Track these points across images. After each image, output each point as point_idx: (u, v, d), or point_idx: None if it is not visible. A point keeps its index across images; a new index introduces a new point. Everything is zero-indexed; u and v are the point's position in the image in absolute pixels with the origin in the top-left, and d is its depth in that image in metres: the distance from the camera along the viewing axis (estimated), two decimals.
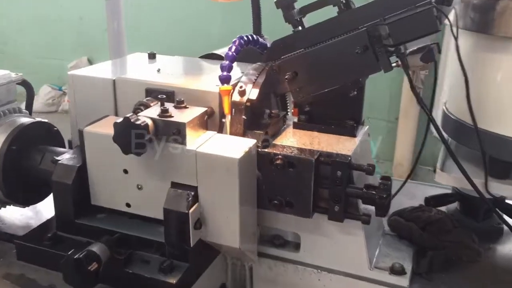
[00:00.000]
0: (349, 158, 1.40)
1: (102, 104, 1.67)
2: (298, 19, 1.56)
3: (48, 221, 1.64)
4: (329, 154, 1.44)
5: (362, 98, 1.55)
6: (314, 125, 1.59)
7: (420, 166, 4.60)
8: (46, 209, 1.85)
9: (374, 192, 1.38)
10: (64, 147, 1.81)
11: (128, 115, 1.35)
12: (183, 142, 1.39)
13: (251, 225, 1.50)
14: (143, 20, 5.74)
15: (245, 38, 1.58)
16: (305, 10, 1.57)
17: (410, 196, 1.96)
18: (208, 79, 1.64)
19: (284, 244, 1.63)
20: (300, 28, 1.57)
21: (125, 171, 1.49)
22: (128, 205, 1.53)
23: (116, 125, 1.36)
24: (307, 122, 1.59)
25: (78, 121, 1.72)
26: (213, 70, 1.77)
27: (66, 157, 1.59)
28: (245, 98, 1.47)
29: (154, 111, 1.44)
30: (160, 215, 1.42)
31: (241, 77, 1.60)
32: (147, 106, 1.51)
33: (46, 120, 1.80)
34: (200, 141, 1.42)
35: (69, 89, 1.71)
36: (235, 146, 1.39)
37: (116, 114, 1.67)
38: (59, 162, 1.55)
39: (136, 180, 1.49)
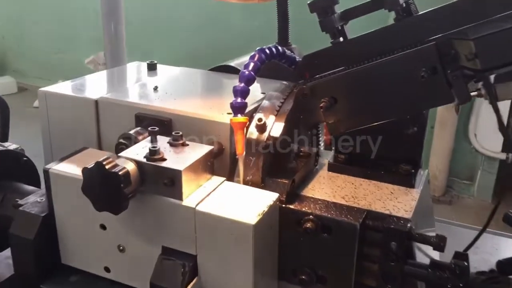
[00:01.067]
0: (409, 225, 1.00)
1: (81, 131, 1.30)
2: (339, 27, 1.17)
3: (7, 282, 1.27)
4: (379, 215, 1.04)
5: (423, 136, 1.15)
6: (358, 169, 1.19)
7: (455, 178, 4.17)
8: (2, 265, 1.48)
9: (446, 276, 0.97)
10: (38, 181, 1.45)
11: (102, 159, 0.97)
12: (178, 195, 1.01)
13: None
14: (149, 20, 5.35)
15: (267, 52, 1.19)
16: (349, 15, 1.17)
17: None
18: (217, 103, 1.25)
19: None
20: (341, 39, 1.17)
21: (103, 227, 1.12)
22: (107, 269, 1.16)
23: (85, 172, 0.98)
24: (347, 164, 1.20)
25: (53, 151, 1.35)
26: (225, 90, 1.39)
27: (30, 200, 1.22)
28: (265, 135, 1.08)
29: (141, 149, 1.06)
30: (147, 286, 1.05)
31: (261, 101, 1.21)
32: (134, 141, 1.13)
33: (15, 147, 1.43)
34: (202, 194, 1.03)
35: (41, 109, 1.34)
36: (249, 204, 1.00)
37: (99, 145, 1.30)
38: (20, 209, 1.19)
39: (117, 240, 1.11)
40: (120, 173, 0.96)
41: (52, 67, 6.27)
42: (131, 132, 1.14)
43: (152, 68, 1.58)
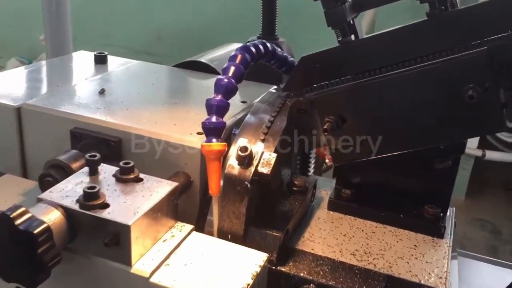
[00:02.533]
0: None
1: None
2: (351, 21, 0.87)
3: None
4: (405, 285, 0.76)
5: (456, 171, 0.87)
6: (368, 210, 0.90)
7: None
8: None
9: None
10: None
11: (9, 210, 0.65)
12: (124, 258, 0.70)
13: None
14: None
15: (253, 51, 0.88)
16: (364, 4, 0.87)
17: None
18: (184, 116, 0.94)
19: None
20: (352, 37, 0.87)
21: None
22: None
23: None
24: (354, 202, 0.91)
25: None
26: (195, 95, 1.07)
27: None
28: (250, 170, 0.77)
29: (73, 188, 0.74)
30: None
31: (242, 114, 0.91)
32: (65, 170, 0.81)
33: None
34: (160, 255, 0.72)
35: None
36: (226, 271, 0.71)
37: (24, 169, 0.97)
38: None
39: None
40: (36, 231, 0.64)
41: (5, 42, 5.74)
42: (62, 158, 0.82)
43: (101, 60, 1.24)
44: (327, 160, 1.39)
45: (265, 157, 0.78)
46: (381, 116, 0.84)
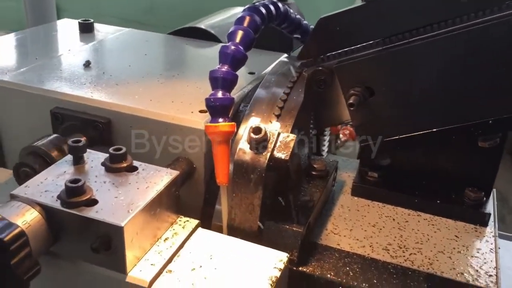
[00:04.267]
0: None
1: None
2: None
3: None
4: (450, 285, 0.65)
5: (503, 150, 0.74)
6: (399, 195, 0.78)
7: None
8: None
9: None
10: None
11: None
12: (117, 265, 0.58)
13: None
14: None
15: (262, 12, 0.74)
16: None
17: None
18: (183, 92, 0.81)
19: None
20: None
21: None
22: None
23: None
24: (384, 187, 0.79)
25: None
26: (195, 67, 0.94)
27: None
28: (265, 156, 0.65)
29: (53, 181, 0.62)
30: None
31: (251, 87, 0.78)
32: (44, 159, 0.69)
33: None
34: (161, 258, 0.61)
35: None
36: (241, 277, 0.59)
37: (0, 155, 0.84)
38: None
39: None
40: (6, 239, 0.52)
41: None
42: (40, 144, 0.69)
43: (86, 29, 1.10)
44: (341, 135, 1.27)
45: (282, 139, 0.65)
46: (416, 87, 0.71)
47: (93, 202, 0.59)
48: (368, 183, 0.80)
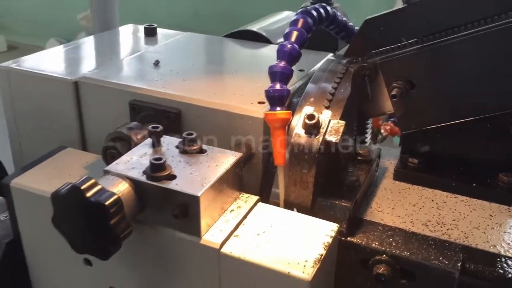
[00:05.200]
0: None
1: (58, 121, 0.97)
2: None
3: None
4: (484, 255, 0.72)
5: None
6: (438, 179, 0.86)
7: None
8: None
9: None
10: None
11: (80, 181, 0.64)
12: (193, 230, 0.69)
13: None
14: None
15: (314, 15, 0.84)
16: None
17: None
18: (242, 86, 0.92)
19: None
20: None
21: (88, 262, 0.81)
22: None
23: (56, 199, 0.66)
24: (423, 172, 0.87)
25: (23, 149, 1.03)
26: (251, 65, 1.04)
27: None
28: (318, 139, 0.74)
29: (138, 159, 0.73)
30: None
31: (305, 84, 0.88)
32: (128, 142, 0.81)
33: None
34: (229, 226, 0.71)
35: (3, 91, 1.00)
36: (299, 242, 0.68)
37: (82, 141, 0.97)
38: None
39: (107, 280, 0.80)
40: (107, 203, 0.63)
41: (44, 23, 5.82)
42: (124, 130, 0.81)
43: (150, 33, 1.23)
44: (382, 131, 1.35)
45: (332, 124, 0.75)
46: (453, 80, 0.79)
47: (172, 177, 0.70)
48: (409, 168, 0.88)
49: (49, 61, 1.03)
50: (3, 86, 0.99)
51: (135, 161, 0.73)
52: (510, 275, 0.68)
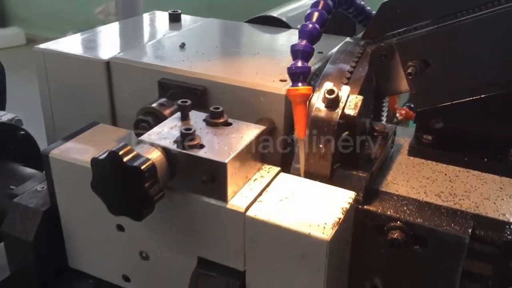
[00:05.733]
0: None
1: (90, 101, 1.03)
2: None
3: (6, 282, 1.04)
4: (493, 222, 0.77)
5: None
6: (451, 155, 0.90)
7: None
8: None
9: None
10: (40, 162, 1.18)
11: (117, 147, 0.70)
12: (220, 195, 0.74)
13: None
14: None
15: None
16: None
17: None
18: (264, 66, 0.96)
19: None
20: None
21: (120, 228, 0.86)
22: (126, 278, 0.91)
23: (95, 164, 0.72)
24: (437, 148, 0.91)
25: (56, 127, 1.09)
26: (272, 48, 1.09)
27: (28, 189, 0.96)
28: (337, 112, 0.79)
29: (169, 131, 0.78)
30: None
31: (323, 64, 0.92)
32: (158, 116, 0.86)
33: (10, 117, 1.17)
34: (253, 192, 0.76)
35: (38, 72, 1.06)
36: (318, 207, 0.73)
37: (113, 118, 1.03)
38: (15, 200, 0.93)
39: (139, 244, 0.86)
40: (142, 167, 0.69)
41: (63, 16, 5.91)
42: (155, 105, 0.86)
43: (175, 19, 1.28)
44: (398, 115, 1.39)
45: (351, 99, 0.80)
46: (466, 59, 0.83)
47: (201, 146, 0.75)
48: (423, 144, 0.93)
49: (81, 43, 1.09)
50: (39, 66, 1.05)
51: (166, 132, 0.78)
52: None
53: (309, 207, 0.74)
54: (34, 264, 0.93)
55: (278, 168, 0.82)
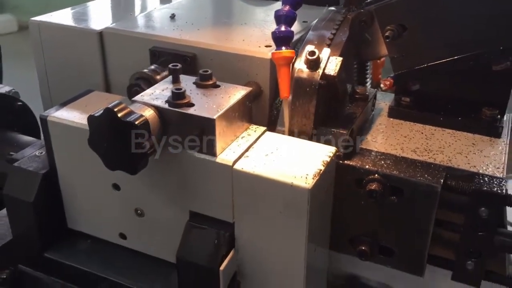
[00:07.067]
0: (504, 185, 0.79)
1: (84, 70, 1.07)
2: None
3: (3, 248, 1.08)
4: (464, 174, 0.83)
5: None
6: (427, 115, 0.96)
7: None
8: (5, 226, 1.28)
9: None
10: (37, 131, 1.23)
11: (112, 104, 0.75)
12: (210, 150, 0.79)
13: (319, 283, 0.92)
14: None
15: None
16: None
17: None
18: (250, 34, 1.01)
19: None
20: None
21: (116, 187, 0.92)
22: (123, 236, 0.97)
23: (92, 122, 0.76)
24: (414, 109, 0.97)
25: (52, 96, 1.13)
26: (258, 17, 1.14)
27: (27, 154, 1.01)
28: (318, 73, 0.84)
29: (160, 92, 0.83)
30: (172, 257, 0.86)
31: (306, 32, 0.97)
32: (150, 81, 0.91)
33: (7, 90, 1.21)
34: (240, 148, 0.82)
35: (34, 44, 1.10)
36: (301, 160, 0.79)
37: (107, 86, 1.07)
38: (15, 164, 0.98)
39: (134, 202, 0.91)
40: (136, 122, 0.74)
41: (55, 3, 5.88)
42: (147, 70, 0.91)
43: None
44: (382, 85, 1.44)
45: (331, 60, 0.85)
46: (442, 22, 0.88)
47: (191, 104, 0.80)
48: (402, 106, 0.98)
49: (74, 16, 1.13)
50: (34, 37, 1.09)
51: (158, 93, 0.83)
52: (485, 188, 0.78)
53: (292, 161, 0.79)
54: (35, 224, 0.98)
55: (264, 128, 0.87)
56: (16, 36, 5.65)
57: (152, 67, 0.93)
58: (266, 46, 0.93)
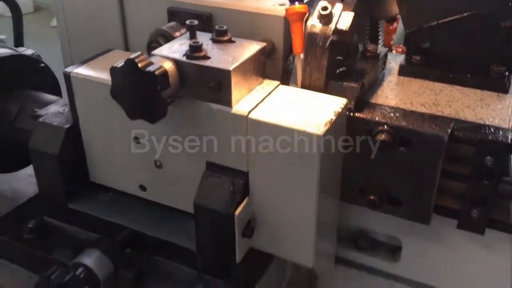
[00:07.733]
0: (510, 135, 0.82)
1: (104, 31, 1.11)
2: None
3: (29, 202, 1.14)
4: (471, 125, 0.85)
5: None
6: (437, 72, 0.98)
7: None
8: (25, 183, 1.34)
9: None
10: (58, 90, 1.28)
11: (134, 56, 0.79)
12: (226, 101, 0.83)
13: (329, 232, 0.97)
14: None
15: None
16: None
17: None
18: None
19: (373, 248, 1.09)
20: None
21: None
22: (143, 187, 1.01)
23: (114, 72, 0.81)
24: (425, 67, 0.99)
25: (73, 57, 1.18)
26: None
27: (51, 111, 1.06)
28: (330, 27, 0.87)
29: (179, 47, 0.87)
30: (190, 207, 0.91)
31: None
32: (168, 38, 0.94)
33: (31, 52, 1.26)
34: (255, 100, 0.85)
35: (56, 4, 1.14)
36: (313, 110, 0.82)
37: (126, 47, 1.11)
38: (40, 120, 1.03)
39: (153, 154, 0.96)
40: (156, 72, 0.78)
41: None
42: (165, 27, 0.94)
43: None
44: (393, 51, 1.46)
45: (343, 15, 0.87)
46: None
47: (207, 57, 0.84)
48: (412, 64, 1.00)
49: None
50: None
51: (176, 48, 0.87)
52: (490, 138, 0.81)
53: (305, 111, 0.83)
54: (60, 177, 1.03)
55: (278, 82, 0.91)
56: (32, 16, 5.70)
57: (170, 24, 0.97)
58: (280, 5, 0.96)
